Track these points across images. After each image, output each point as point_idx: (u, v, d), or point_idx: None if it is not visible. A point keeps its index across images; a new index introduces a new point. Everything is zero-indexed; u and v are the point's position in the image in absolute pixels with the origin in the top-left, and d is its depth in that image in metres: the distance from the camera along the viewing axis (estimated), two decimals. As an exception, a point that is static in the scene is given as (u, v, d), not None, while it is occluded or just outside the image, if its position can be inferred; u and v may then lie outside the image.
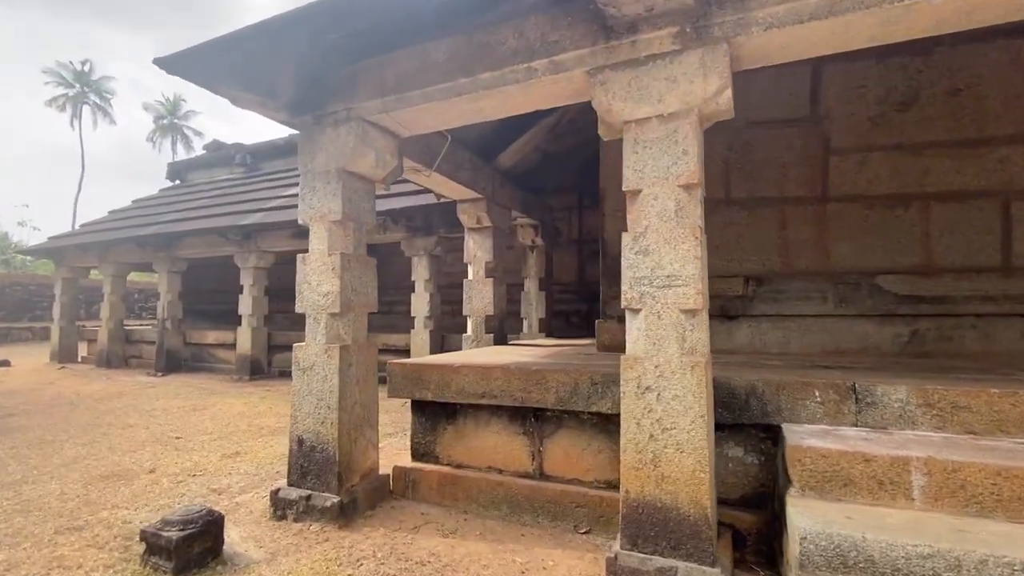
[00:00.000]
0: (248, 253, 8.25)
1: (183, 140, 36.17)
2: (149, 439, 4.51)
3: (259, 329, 8.33)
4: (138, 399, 6.54)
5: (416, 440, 3.11)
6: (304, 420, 2.82)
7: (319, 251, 2.85)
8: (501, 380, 2.77)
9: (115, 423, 5.17)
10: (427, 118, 2.80)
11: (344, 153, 2.81)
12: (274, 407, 5.92)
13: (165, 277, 9.19)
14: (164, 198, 11.20)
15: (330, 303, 2.79)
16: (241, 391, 7.12)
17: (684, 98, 2.08)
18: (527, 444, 2.80)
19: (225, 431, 4.78)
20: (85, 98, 32.01)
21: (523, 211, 5.53)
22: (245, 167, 10.88)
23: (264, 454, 4.03)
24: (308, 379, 2.83)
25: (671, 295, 2.05)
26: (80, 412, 5.72)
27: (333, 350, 2.77)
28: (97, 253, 9.91)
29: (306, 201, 2.93)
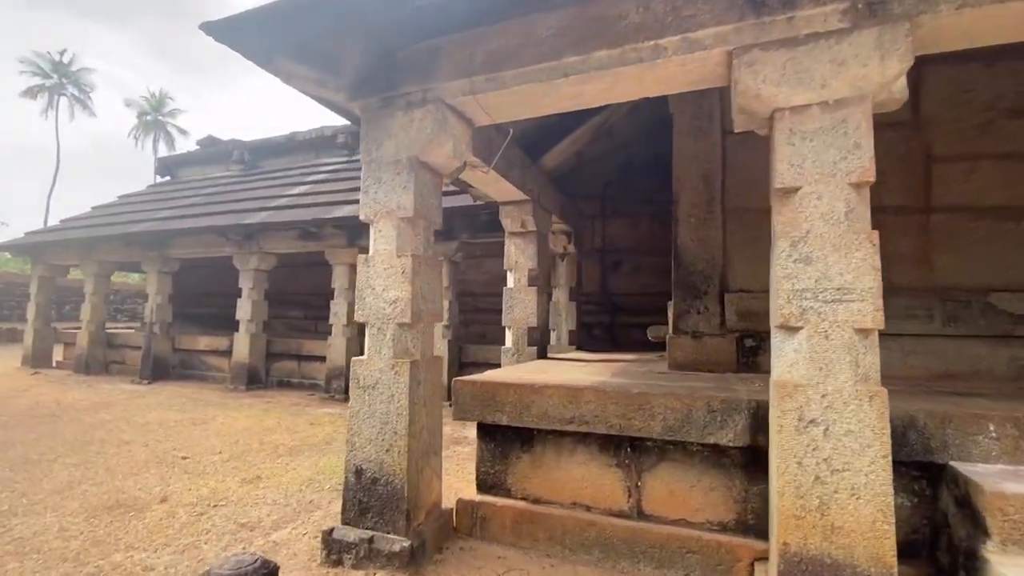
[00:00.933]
0: (249, 254, 7.75)
1: (166, 138, 34.91)
2: (151, 459, 4.02)
3: (258, 335, 7.80)
4: (128, 410, 5.97)
5: (483, 470, 2.73)
6: (364, 447, 2.42)
7: (386, 252, 2.48)
8: (594, 404, 2.42)
9: (108, 439, 4.64)
10: (517, 103, 2.46)
11: (419, 141, 2.45)
12: (282, 422, 5.44)
13: (155, 278, 8.59)
14: (153, 194, 10.58)
15: (399, 312, 2.41)
16: (240, 403, 6.60)
17: (855, 83, 1.79)
18: (622, 478, 2.45)
19: (236, 450, 4.30)
20: (63, 89, 30.63)
21: (560, 216, 5.21)
22: (243, 164, 10.35)
23: (288, 479, 3.58)
24: (370, 399, 2.43)
25: (842, 311, 1.74)
26: (65, 425, 5.16)
27: (402, 366, 2.39)
28: (79, 251, 9.25)
29: (370, 194, 2.55)
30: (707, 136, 3.42)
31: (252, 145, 10.40)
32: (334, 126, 9.48)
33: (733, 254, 3.32)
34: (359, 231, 7.00)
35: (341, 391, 6.89)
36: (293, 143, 9.87)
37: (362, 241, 7.02)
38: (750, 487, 2.24)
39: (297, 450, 4.33)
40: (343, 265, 7.14)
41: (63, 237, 9.14)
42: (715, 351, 3.25)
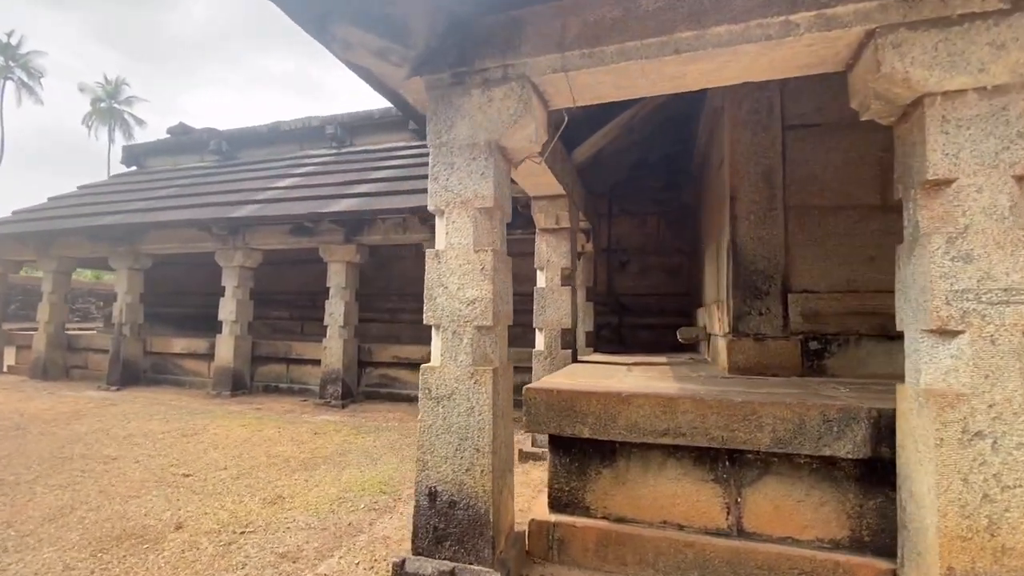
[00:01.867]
0: (233, 250, 7.22)
1: (123, 127, 32.74)
2: (148, 478, 3.58)
3: (243, 337, 7.27)
4: (104, 421, 5.41)
5: (557, 487, 2.49)
6: (439, 466, 2.14)
7: (461, 247, 2.20)
8: (692, 414, 2.22)
9: (89, 455, 4.14)
10: (609, 83, 2.23)
11: (499, 122, 2.19)
12: (282, 431, 5.03)
13: (125, 275, 7.91)
14: (119, 185, 9.79)
15: (479, 313, 2.15)
16: (227, 410, 6.11)
17: (1017, 69, 1.65)
18: (719, 493, 2.26)
19: (243, 465, 3.90)
20: (9, 73, 28.23)
21: (584, 214, 5.02)
22: (219, 155, 9.68)
23: (314, 498, 3.24)
24: (445, 412, 2.16)
25: (1010, 314, 1.60)
26: (35, 440, 4.60)
27: (483, 375, 2.12)
28: (37, 245, 8.44)
29: (440, 182, 2.27)
30: (767, 130, 3.28)
31: (230, 135, 9.76)
32: (321, 116, 8.99)
33: (796, 253, 3.20)
34: (357, 227, 6.62)
35: (338, 397, 6.48)
36: (276, 133, 9.30)
37: (360, 237, 6.64)
38: (865, 501, 2.09)
39: (310, 464, 3.97)
40: (339, 263, 6.73)
41: (18, 230, 8.31)
42: (778, 354, 3.12)
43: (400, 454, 4.27)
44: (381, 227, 6.53)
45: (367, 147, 8.63)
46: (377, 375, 6.94)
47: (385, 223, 6.50)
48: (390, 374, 6.89)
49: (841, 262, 3.15)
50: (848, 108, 2.15)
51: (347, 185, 7.00)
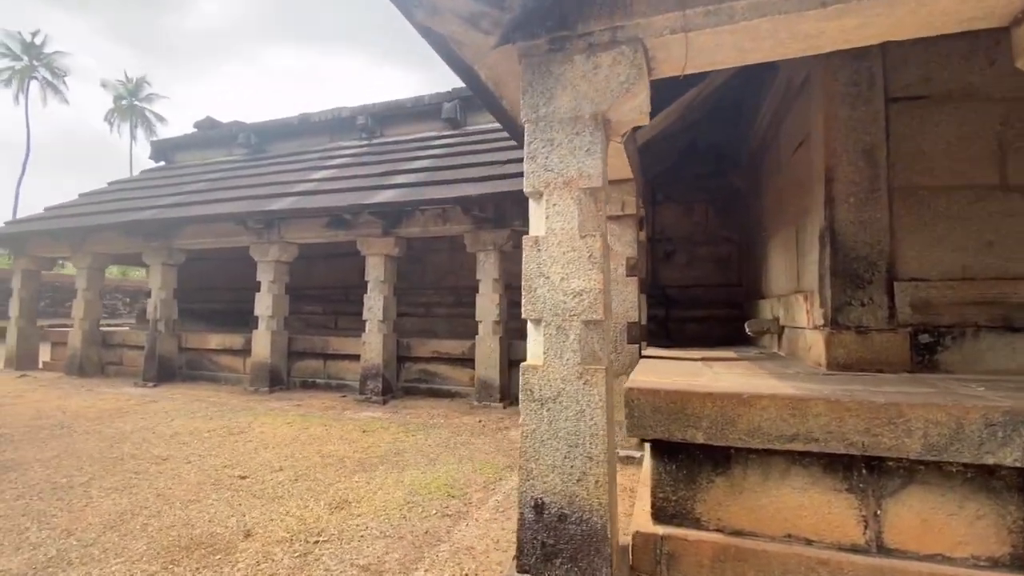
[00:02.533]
0: (268, 244, 7.09)
1: (144, 124, 33.04)
2: (204, 480, 3.45)
3: (279, 333, 7.17)
4: (147, 419, 5.33)
5: (662, 496, 2.26)
6: (545, 476, 1.94)
7: (564, 232, 1.98)
8: (826, 417, 1.98)
9: (139, 454, 4.03)
10: (730, 46, 1.98)
11: (608, 91, 1.96)
12: (330, 429, 4.88)
13: (159, 271, 7.85)
14: (149, 180, 9.74)
15: (587, 306, 1.93)
16: (267, 407, 6.00)
17: None
18: (855, 505, 2.02)
19: (298, 466, 3.75)
20: (34, 72, 28.59)
21: (643, 200, 4.76)
22: (248, 148, 9.58)
23: (381, 503, 3.06)
24: (550, 416, 1.95)
25: None
26: (82, 439, 4.51)
27: (594, 375, 1.91)
28: (71, 241, 8.42)
29: (538, 161, 2.05)
30: (868, 103, 2.99)
31: (258, 128, 9.65)
32: (351, 107, 8.81)
33: (902, 238, 2.91)
34: (396, 219, 6.44)
35: (378, 392, 6.34)
36: (306, 125, 9.16)
37: (399, 230, 6.46)
38: (1033, 516, 1.84)
39: (367, 464, 3.81)
40: (378, 256, 6.56)
41: (52, 227, 8.30)
42: (884, 348, 2.85)
43: (456, 454, 4.09)
44: (420, 219, 6.34)
45: (398, 137, 8.44)
46: (416, 370, 6.78)
47: (424, 214, 6.31)
48: (430, 369, 6.73)
49: (954, 247, 2.86)
50: (959, 78, 1.88)
51: (384, 176, 6.82)
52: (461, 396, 6.47)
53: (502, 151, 6.75)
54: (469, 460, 3.92)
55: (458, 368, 6.58)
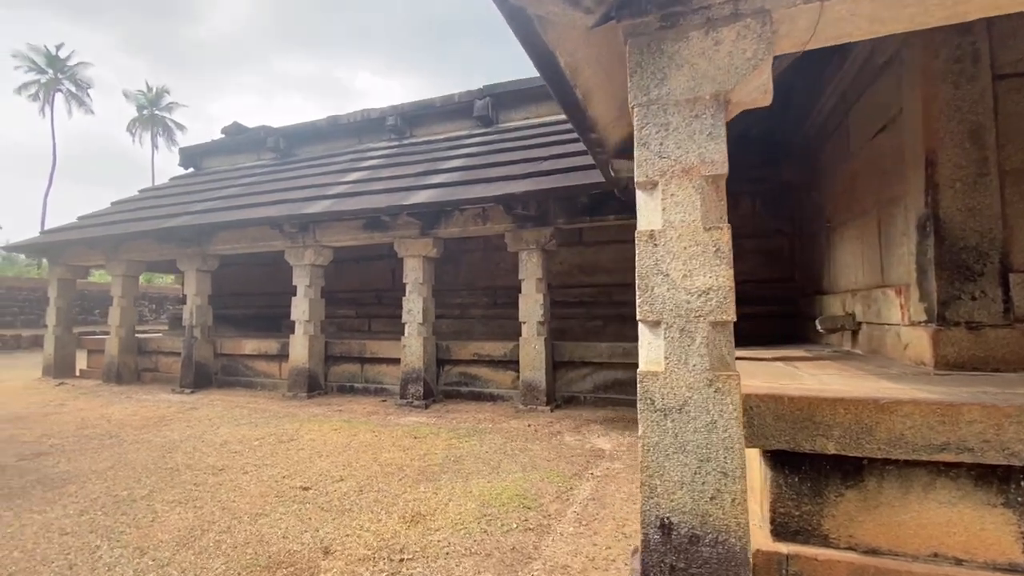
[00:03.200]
0: (304, 248, 7.02)
1: (165, 133, 33.49)
2: (267, 492, 3.33)
3: (317, 337, 7.09)
4: (192, 427, 5.26)
5: (782, 510, 2.08)
6: (673, 493, 1.77)
7: (685, 224, 1.81)
8: (981, 424, 1.78)
9: (194, 464, 3.95)
10: (866, 15, 1.79)
11: (732, 69, 1.78)
12: (379, 435, 4.76)
13: (194, 277, 7.83)
14: (179, 187, 9.76)
15: (714, 306, 1.76)
16: (309, 413, 5.91)
17: None
18: (1012, 521, 1.82)
19: (358, 476, 3.63)
20: (59, 85, 29.15)
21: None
22: (276, 152, 9.54)
23: (456, 515, 2.92)
24: (675, 427, 1.78)
25: None
26: (132, 449, 4.45)
27: (726, 382, 1.73)
28: (105, 249, 8.45)
29: (651, 147, 1.88)
30: (972, 81, 2.77)
31: (286, 131, 9.60)
32: (380, 108, 8.72)
33: (1017, 225, 2.69)
34: (435, 219, 6.31)
35: (420, 397, 6.22)
36: (335, 127, 9.09)
37: (437, 230, 6.33)
38: None
39: (428, 473, 3.67)
40: (416, 258, 6.44)
41: (88, 235, 8.32)
42: (1000, 345, 2.62)
43: (516, 461, 3.94)
44: (459, 219, 6.20)
45: (430, 137, 8.33)
46: (456, 373, 6.65)
47: (464, 214, 6.17)
48: (470, 372, 6.59)
49: (1077, 234, 2.63)
50: None
51: (420, 176, 6.70)
52: (503, 399, 6.32)
53: (539, 147, 6.59)
54: (532, 468, 3.76)
55: (499, 370, 6.43)
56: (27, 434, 5.01)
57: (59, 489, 3.45)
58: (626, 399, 5.84)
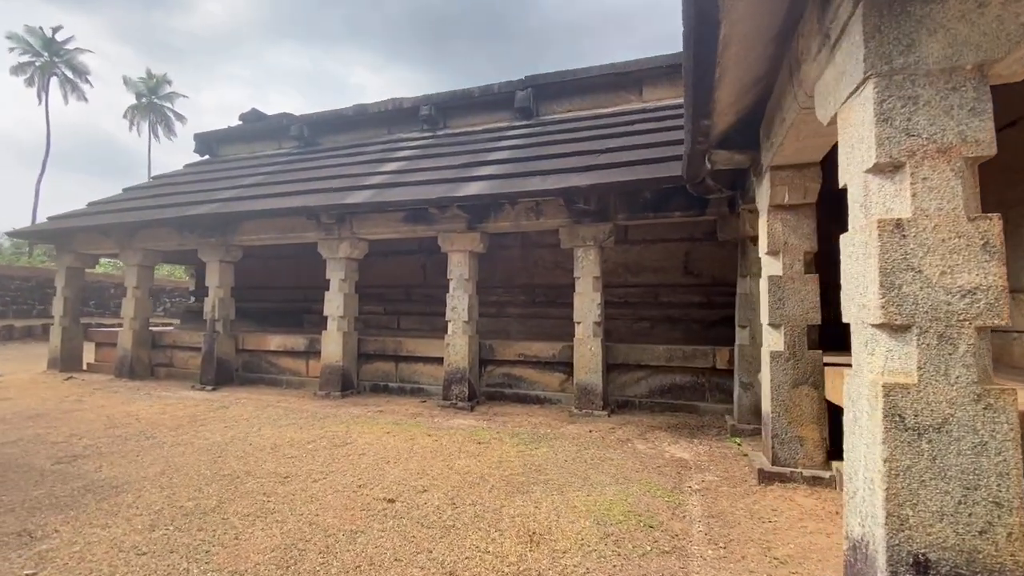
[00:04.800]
0: (339, 240, 6.68)
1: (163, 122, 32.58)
2: (349, 504, 3.03)
3: (350, 334, 6.76)
4: (230, 427, 4.92)
5: None
6: (929, 525, 1.51)
7: (943, 212, 1.56)
8: None
9: (253, 472, 3.62)
10: None
11: (1003, 36, 1.53)
12: (439, 440, 4.47)
13: (216, 268, 7.45)
14: (197, 174, 9.34)
15: (983, 309, 1.51)
16: (350, 413, 5.59)
17: None
18: None
19: (440, 486, 3.34)
20: (54, 69, 28.17)
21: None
22: (299, 141, 9.17)
23: (575, 534, 2.64)
24: (932, 448, 1.52)
25: None
26: (176, 452, 4.11)
27: (998, 397, 1.48)
28: (119, 237, 8.03)
29: (895, 123, 1.62)
30: None
31: (310, 119, 9.23)
32: (413, 97, 8.39)
33: None
34: (483, 213, 6.01)
35: (464, 398, 5.92)
36: (362, 116, 8.74)
37: (485, 225, 6.03)
38: None
39: (516, 484, 3.39)
40: (461, 252, 6.14)
41: (100, 222, 7.89)
42: None
43: (602, 471, 3.67)
44: (511, 213, 5.92)
45: (467, 128, 8.03)
46: (499, 374, 6.36)
47: (515, 208, 5.89)
48: (514, 373, 6.31)
49: None
50: None
51: (464, 168, 6.40)
52: (550, 402, 6.05)
53: (593, 140, 6.32)
54: (624, 480, 3.50)
55: (546, 372, 6.16)
56: (53, 434, 4.64)
57: (113, 499, 3.11)
58: (684, 404, 5.61)
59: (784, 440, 3.42)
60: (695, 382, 5.62)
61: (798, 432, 3.41)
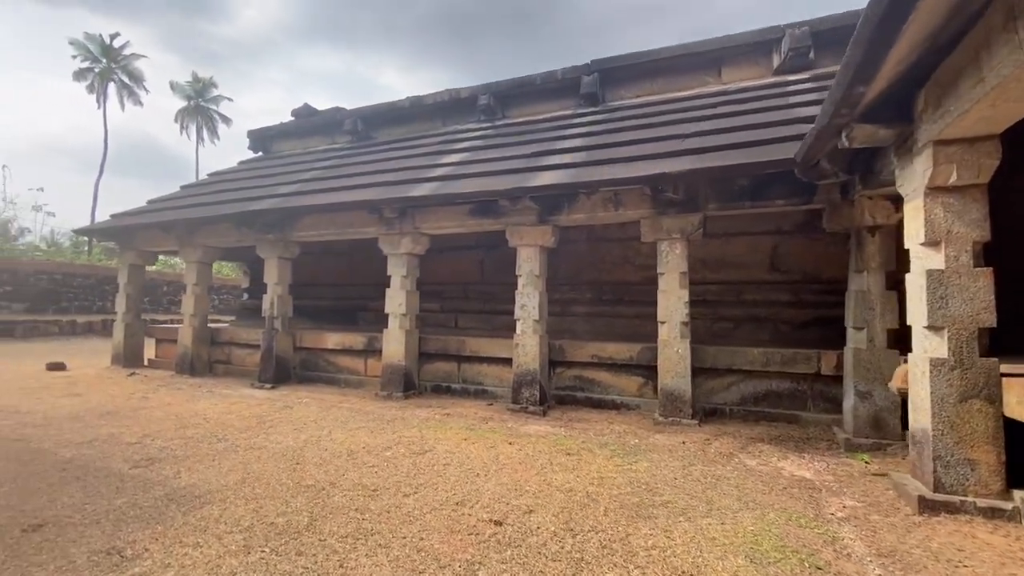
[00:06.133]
0: (400, 235, 6.42)
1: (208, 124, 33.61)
2: (453, 526, 2.70)
3: (412, 332, 6.50)
4: (300, 430, 4.70)
5: None
6: None
7: None
8: None
9: (337, 482, 3.35)
10: None
11: None
12: (523, 449, 4.12)
13: (275, 265, 7.32)
14: (251, 171, 9.29)
15: None
16: (418, 417, 5.31)
17: None
18: None
19: (546, 507, 2.97)
20: (112, 75, 29.39)
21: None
22: (353, 135, 8.99)
23: (724, 572, 2.23)
24: None
25: None
26: (251, 457, 3.89)
27: None
28: (179, 234, 8.02)
29: None
30: None
31: (363, 112, 9.04)
32: (470, 87, 8.08)
33: None
34: (556, 204, 5.63)
35: (536, 402, 5.56)
36: (417, 108, 8.49)
37: (558, 217, 5.65)
38: None
39: (630, 506, 3.00)
40: (531, 247, 5.78)
41: (162, 219, 7.90)
42: None
43: (722, 491, 3.24)
44: (586, 204, 5.51)
45: (529, 117, 7.66)
46: (570, 377, 5.98)
47: (591, 199, 5.48)
48: (586, 376, 5.91)
49: None
50: None
51: (533, 158, 6.03)
52: (627, 408, 5.62)
53: (672, 125, 5.86)
54: (755, 505, 3.05)
55: (622, 375, 5.73)
56: (127, 433, 4.52)
57: (199, 511, 2.87)
58: (782, 414, 5.09)
59: (950, 463, 2.91)
60: (795, 389, 5.09)
61: (968, 454, 2.89)
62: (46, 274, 16.07)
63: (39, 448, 4.03)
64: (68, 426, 4.74)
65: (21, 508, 2.86)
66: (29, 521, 2.69)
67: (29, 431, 4.53)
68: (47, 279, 16.01)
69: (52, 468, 3.56)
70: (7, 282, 15.15)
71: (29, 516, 2.76)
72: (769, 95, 6.03)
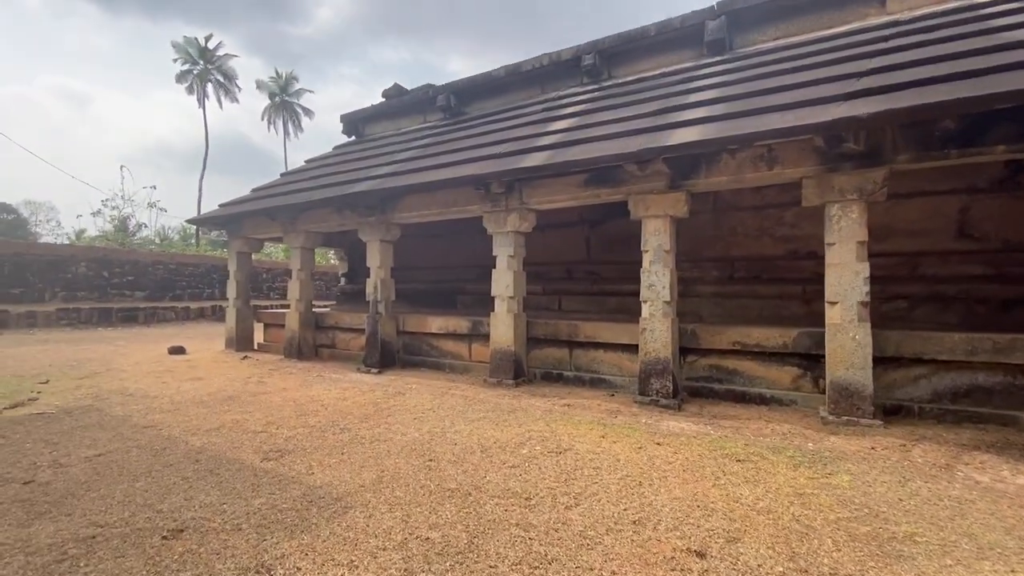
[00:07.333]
0: (506, 212, 5.95)
1: (293, 118, 35.49)
2: (644, 555, 2.17)
3: (520, 316, 6.05)
4: (419, 420, 4.40)
5: None
6: None
7: None
8: None
9: (482, 487, 2.93)
10: None
11: None
12: (679, 453, 3.51)
13: (377, 248, 7.14)
14: (346, 155, 9.24)
15: None
16: (534, 406, 4.86)
17: None
18: None
19: (752, 532, 2.36)
20: (209, 75, 31.82)
21: None
22: (445, 111, 8.65)
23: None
24: None
25: None
26: (380, 451, 3.60)
27: None
28: (283, 221, 8.09)
29: None
30: None
31: (455, 87, 8.65)
32: (574, 46, 7.39)
33: None
34: (692, 166, 4.86)
35: (667, 394, 4.91)
36: (514, 76, 7.94)
37: (693, 181, 4.88)
38: None
39: (861, 537, 2.31)
40: (659, 218, 5.07)
41: (267, 205, 7.98)
42: None
43: (976, 520, 2.47)
44: (730, 164, 4.70)
45: (641, 75, 6.86)
46: (705, 366, 5.25)
47: (736, 158, 4.66)
48: (725, 365, 5.15)
49: None
50: None
51: (659, 115, 5.29)
52: (779, 403, 4.82)
53: (830, 65, 4.86)
54: (1040, 544, 2.26)
55: (772, 366, 4.92)
56: (250, 420, 4.43)
57: (341, 518, 2.56)
58: (994, 414, 4.08)
59: None
60: (1010, 384, 4.06)
61: None
62: (162, 264, 17.47)
63: (169, 436, 3.99)
64: (194, 411, 4.76)
65: (158, 508, 2.69)
66: (168, 525, 2.49)
67: (158, 417, 4.56)
68: (163, 268, 17.40)
69: (184, 459, 3.45)
70: (129, 272, 16.61)
71: (167, 518, 2.57)
72: (959, 21, 4.86)
